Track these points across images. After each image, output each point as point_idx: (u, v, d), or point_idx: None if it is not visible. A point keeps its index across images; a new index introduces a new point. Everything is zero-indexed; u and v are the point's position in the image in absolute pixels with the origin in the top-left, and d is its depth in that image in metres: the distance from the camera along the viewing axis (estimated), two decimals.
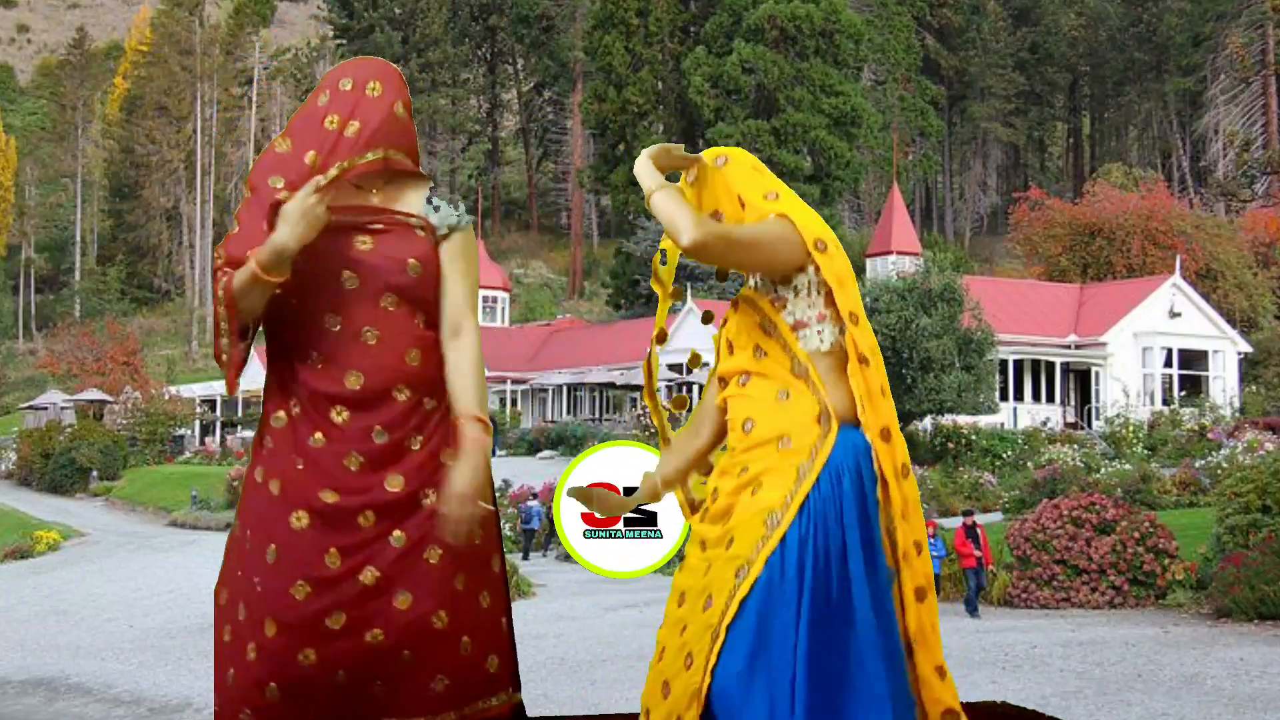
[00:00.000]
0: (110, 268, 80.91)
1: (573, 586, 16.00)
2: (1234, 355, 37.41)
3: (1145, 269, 41.20)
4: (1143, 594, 13.41)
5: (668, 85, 59.45)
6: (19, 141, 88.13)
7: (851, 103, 53.68)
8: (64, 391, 50.37)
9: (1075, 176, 76.14)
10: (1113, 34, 72.96)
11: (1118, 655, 10.04)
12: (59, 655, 12.55)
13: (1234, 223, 45.85)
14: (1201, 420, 29.68)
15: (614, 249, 61.95)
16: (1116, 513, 14.04)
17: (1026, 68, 73.74)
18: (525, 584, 15.69)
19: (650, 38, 59.14)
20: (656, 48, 59.37)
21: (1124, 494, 18.04)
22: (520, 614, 12.73)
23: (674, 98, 59.10)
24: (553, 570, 18.29)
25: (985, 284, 36.67)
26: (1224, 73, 57.97)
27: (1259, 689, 8.56)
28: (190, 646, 12.31)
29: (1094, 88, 77.81)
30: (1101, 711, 7.97)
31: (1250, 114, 58.41)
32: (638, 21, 58.44)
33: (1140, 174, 53.31)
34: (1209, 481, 19.15)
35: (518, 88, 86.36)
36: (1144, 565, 13.47)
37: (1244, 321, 40.96)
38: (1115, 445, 27.27)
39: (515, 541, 21.17)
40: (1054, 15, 74.99)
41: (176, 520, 29.31)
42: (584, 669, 10.01)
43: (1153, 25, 69.70)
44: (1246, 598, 11.59)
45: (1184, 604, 12.87)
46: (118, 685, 10.45)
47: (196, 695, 9.44)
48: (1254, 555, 12.01)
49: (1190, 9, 65.70)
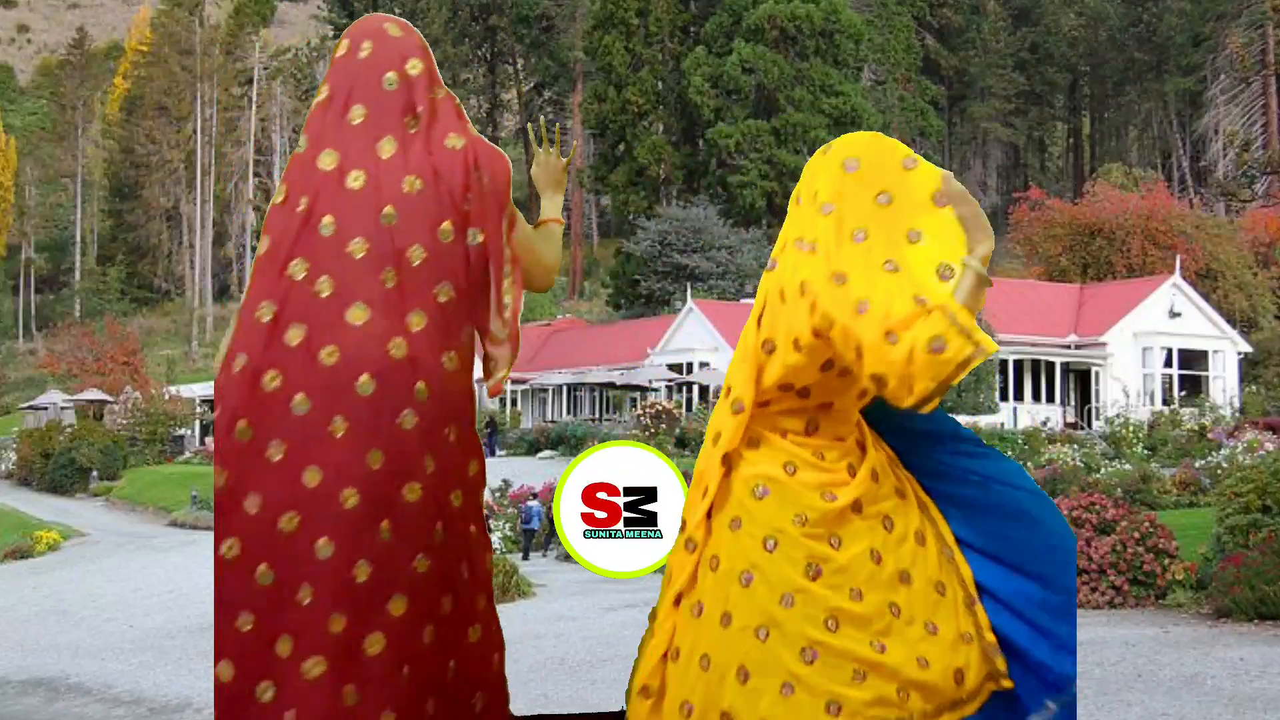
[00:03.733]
0: (110, 268, 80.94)
1: (573, 586, 15.99)
2: (1234, 355, 37.41)
3: (1145, 269, 41.20)
4: (1143, 594, 13.40)
5: (668, 85, 59.45)
6: (19, 141, 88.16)
7: (851, 103, 53.67)
8: (64, 391, 50.37)
9: (1075, 176, 76.15)
10: (1113, 34, 72.97)
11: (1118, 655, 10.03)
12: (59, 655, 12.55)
13: (1234, 223, 45.84)
14: (1201, 420, 29.67)
15: (614, 249, 61.95)
16: (1116, 513, 14.03)
17: (1026, 68, 73.75)
18: (525, 584, 15.67)
19: (650, 38, 59.13)
20: (656, 48, 59.37)
21: (1124, 494, 18.02)
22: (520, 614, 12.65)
23: (674, 98, 59.09)
24: (553, 570, 18.28)
25: None
26: (1224, 73, 57.99)
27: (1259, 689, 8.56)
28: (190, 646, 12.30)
29: (1094, 88, 77.82)
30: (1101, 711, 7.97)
31: (1250, 114, 58.41)
32: (638, 21, 58.43)
33: (1140, 174, 53.31)
34: (1209, 481, 19.14)
35: (518, 88, 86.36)
36: (1144, 565, 13.46)
37: (1244, 321, 40.95)
38: (1115, 445, 27.26)
39: (515, 541, 21.17)
40: (1054, 15, 74.99)
41: (176, 520, 29.33)
42: (584, 669, 10.00)
43: (1153, 25, 69.71)
44: (1246, 598, 11.58)
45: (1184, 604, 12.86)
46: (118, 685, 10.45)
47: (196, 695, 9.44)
48: (1254, 555, 12.00)
49: (1190, 9, 65.69)
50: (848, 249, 2.73)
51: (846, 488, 2.86)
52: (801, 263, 2.77)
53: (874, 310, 2.62)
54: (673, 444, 30.97)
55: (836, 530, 2.84)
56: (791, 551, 2.81)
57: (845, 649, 2.77)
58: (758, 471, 2.87)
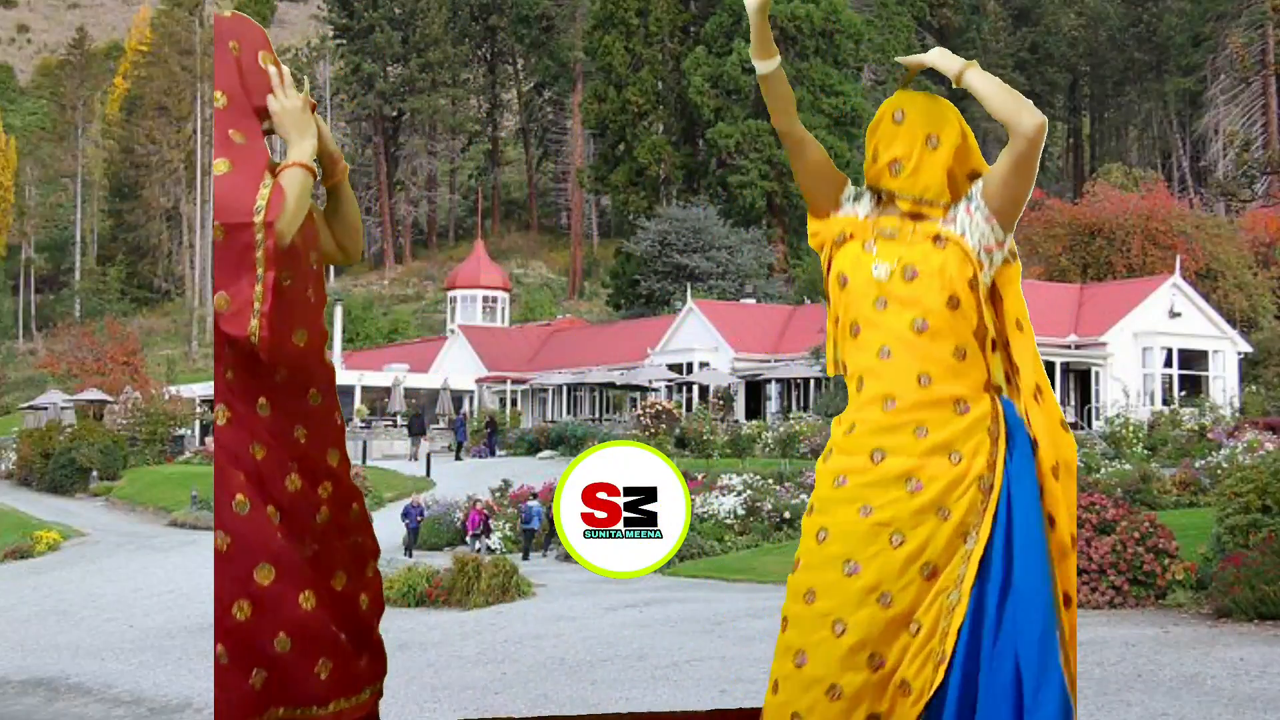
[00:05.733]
0: (110, 268, 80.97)
1: (573, 586, 15.98)
2: (1234, 355, 37.42)
3: (1145, 269, 41.20)
4: (1143, 594, 13.40)
5: (668, 85, 59.45)
6: (19, 141, 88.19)
7: (851, 103, 53.68)
8: (64, 391, 50.37)
9: (1075, 176, 76.17)
10: (1113, 34, 73.00)
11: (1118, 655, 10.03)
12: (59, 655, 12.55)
13: (1234, 223, 45.85)
14: (1201, 420, 29.67)
15: (614, 249, 61.97)
16: (1116, 513, 14.03)
17: (1026, 68, 73.77)
18: (525, 584, 15.67)
19: (650, 38, 59.14)
20: (656, 48, 59.37)
21: (1124, 494, 18.02)
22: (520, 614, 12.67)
23: (674, 98, 59.09)
24: (553, 570, 18.27)
25: None
26: (1224, 73, 58.01)
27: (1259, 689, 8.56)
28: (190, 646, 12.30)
29: (1094, 88, 77.85)
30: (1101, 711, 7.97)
31: (1250, 114, 58.41)
32: (638, 21, 58.44)
33: (1140, 174, 53.28)
34: (1209, 481, 19.14)
35: (518, 88, 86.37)
36: (1144, 565, 13.45)
37: (1244, 321, 40.96)
38: (1115, 445, 27.25)
39: (515, 541, 21.17)
40: (1054, 15, 75.03)
41: (177, 520, 29.34)
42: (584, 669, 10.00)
43: (1153, 25, 69.73)
44: (1246, 598, 11.58)
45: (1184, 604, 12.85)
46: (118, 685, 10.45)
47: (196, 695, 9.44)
48: (1254, 555, 12.00)
49: (1190, 9, 65.71)
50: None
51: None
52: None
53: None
54: (673, 444, 30.99)
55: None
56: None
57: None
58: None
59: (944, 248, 3.13)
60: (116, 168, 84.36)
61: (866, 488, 3.07)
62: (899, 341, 3.10)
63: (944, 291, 3.10)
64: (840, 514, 3.07)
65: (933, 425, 3.05)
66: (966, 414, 3.08)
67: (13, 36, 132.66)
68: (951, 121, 3.27)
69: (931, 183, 3.19)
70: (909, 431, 3.06)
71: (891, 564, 3.01)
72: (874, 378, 3.12)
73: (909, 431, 3.06)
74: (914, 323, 3.09)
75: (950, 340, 3.10)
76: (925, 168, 3.19)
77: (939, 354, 3.09)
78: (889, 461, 3.06)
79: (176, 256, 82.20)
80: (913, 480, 3.04)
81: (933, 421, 3.06)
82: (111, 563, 22.51)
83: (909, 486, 3.04)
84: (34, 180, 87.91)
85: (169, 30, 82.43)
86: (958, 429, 3.05)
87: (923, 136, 3.20)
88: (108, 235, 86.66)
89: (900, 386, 3.08)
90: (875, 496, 3.05)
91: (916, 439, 3.05)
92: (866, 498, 3.05)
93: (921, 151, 3.19)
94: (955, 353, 3.11)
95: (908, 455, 3.05)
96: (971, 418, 3.08)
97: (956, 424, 3.06)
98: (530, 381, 45.12)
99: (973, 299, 3.12)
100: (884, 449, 3.07)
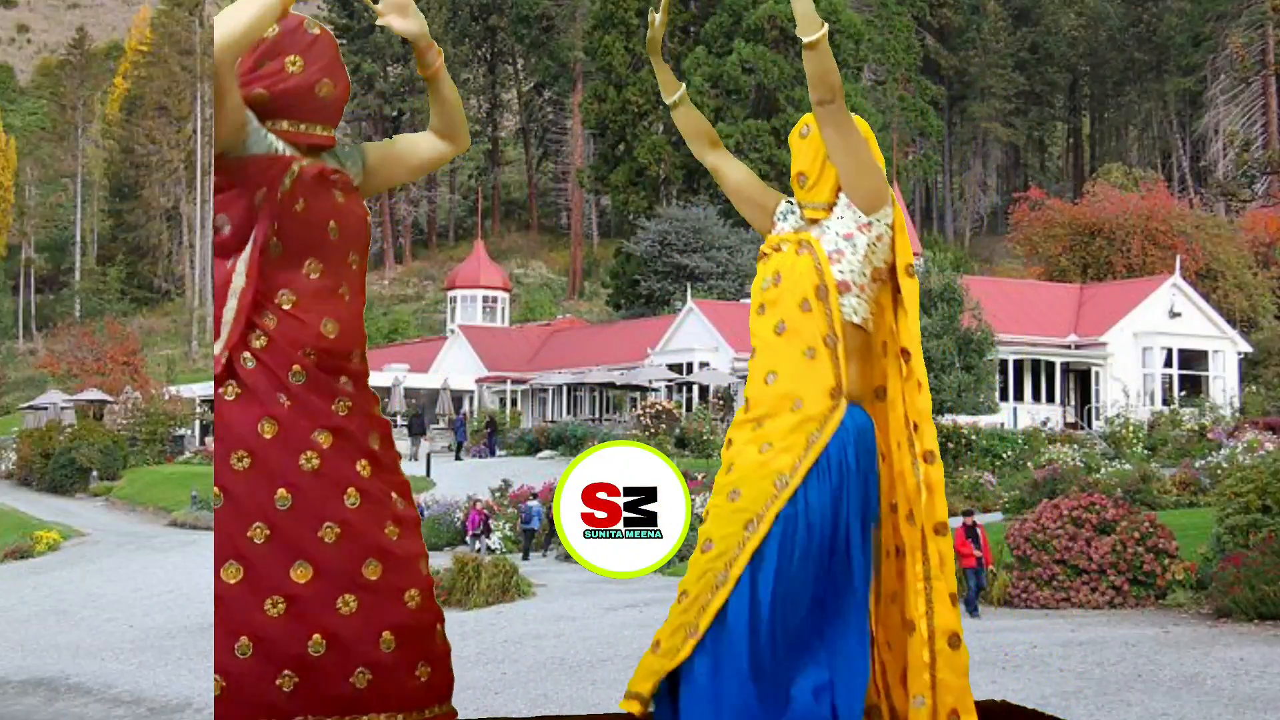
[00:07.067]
0: (110, 268, 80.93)
1: (573, 586, 15.98)
2: (1234, 355, 37.40)
3: (1145, 269, 41.20)
4: (1143, 594, 13.40)
5: None
6: (19, 141, 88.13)
7: (851, 102, 53.33)
8: (64, 391, 50.35)
9: (1075, 176, 76.14)
10: (1113, 34, 72.96)
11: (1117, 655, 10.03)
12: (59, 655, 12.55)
13: (1234, 223, 45.84)
14: (1201, 420, 29.67)
15: (614, 249, 61.94)
16: (1116, 513, 14.04)
17: (1026, 68, 73.74)
18: (525, 584, 15.68)
19: None
20: None
21: (1124, 494, 18.02)
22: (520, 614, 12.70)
23: None
24: (553, 570, 18.28)
25: (985, 284, 36.65)
26: (1224, 73, 57.95)
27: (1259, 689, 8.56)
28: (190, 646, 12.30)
29: (1094, 88, 77.81)
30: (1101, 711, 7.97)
31: (1250, 114, 58.41)
32: (638, 21, 58.41)
33: (1140, 174, 53.28)
34: (1209, 481, 19.14)
35: (518, 88, 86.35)
36: (1144, 565, 13.46)
37: (1244, 321, 40.95)
38: (1115, 445, 27.25)
39: (515, 541, 21.18)
40: (1054, 15, 74.98)
41: (176, 520, 29.35)
42: (584, 669, 9.99)
43: (1153, 25, 69.70)
44: (1246, 598, 11.59)
45: (1184, 604, 12.86)
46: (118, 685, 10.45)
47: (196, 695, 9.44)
48: (1254, 555, 12.01)
49: (1190, 9, 65.69)
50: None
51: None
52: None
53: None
54: (673, 444, 31.00)
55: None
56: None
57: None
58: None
59: (803, 254, 3.38)
60: (116, 168, 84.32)
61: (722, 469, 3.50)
62: (762, 344, 3.41)
63: (798, 295, 3.35)
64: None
65: (769, 420, 3.34)
66: (798, 411, 3.31)
67: (13, 36, 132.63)
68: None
69: (828, 193, 3.45)
70: (750, 426, 3.38)
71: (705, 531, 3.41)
72: (747, 381, 3.46)
73: (750, 426, 3.38)
74: (776, 325, 3.38)
75: (801, 341, 3.34)
76: (824, 180, 3.44)
77: (789, 353, 3.35)
78: (731, 450, 3.44)
79: (176, 256, 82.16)
80: (730, 467, 3.40)
81: (771, 416, 3.34)
82: (111, 563, 22.51)
83: (727, 471, 3.41)
84: (34, 180, 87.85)
85: (169, 30, 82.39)
86: (784, 425, 3.31)
87: (825, 151, 3.41)
88: (108, 235, 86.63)
89: (754, 388, 3.42)
90: (720, 474, 3.47)
91: (752, 431, 3.37)
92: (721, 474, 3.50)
93: (823, 165, 3.42)
94: (805, 353, 3.34)
95: (741, 444, 3.39)
96: (799, 416, 3.31)
97: (785, 420, 3.32)
98: (530, 381, 45.11)
99: (822, 306, 3.34)
100: (732, 439, 3.45)
